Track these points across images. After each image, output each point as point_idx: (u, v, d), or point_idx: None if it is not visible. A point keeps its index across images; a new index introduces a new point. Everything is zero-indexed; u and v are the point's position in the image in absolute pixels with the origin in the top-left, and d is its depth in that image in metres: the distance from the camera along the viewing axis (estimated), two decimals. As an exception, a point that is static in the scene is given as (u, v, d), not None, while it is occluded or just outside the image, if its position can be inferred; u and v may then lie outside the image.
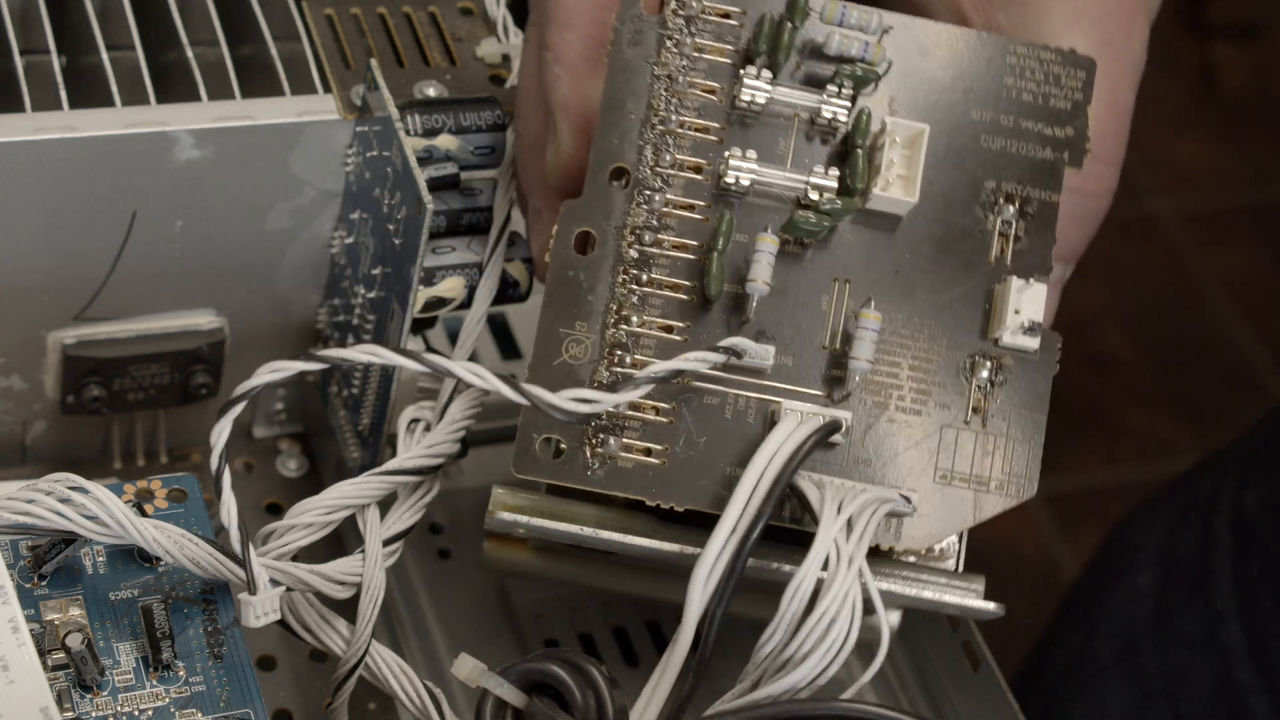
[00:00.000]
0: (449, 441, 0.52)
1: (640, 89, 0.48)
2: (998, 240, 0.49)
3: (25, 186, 0.52)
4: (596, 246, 0.48)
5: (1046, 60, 0.49)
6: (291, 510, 0.50)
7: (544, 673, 0.45)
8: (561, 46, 0.49)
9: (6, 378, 0.56)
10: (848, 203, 0.48)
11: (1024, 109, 0.49)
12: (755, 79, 0.48)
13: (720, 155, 0.48)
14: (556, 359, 0.47)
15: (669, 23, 0.48)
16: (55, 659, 0.46)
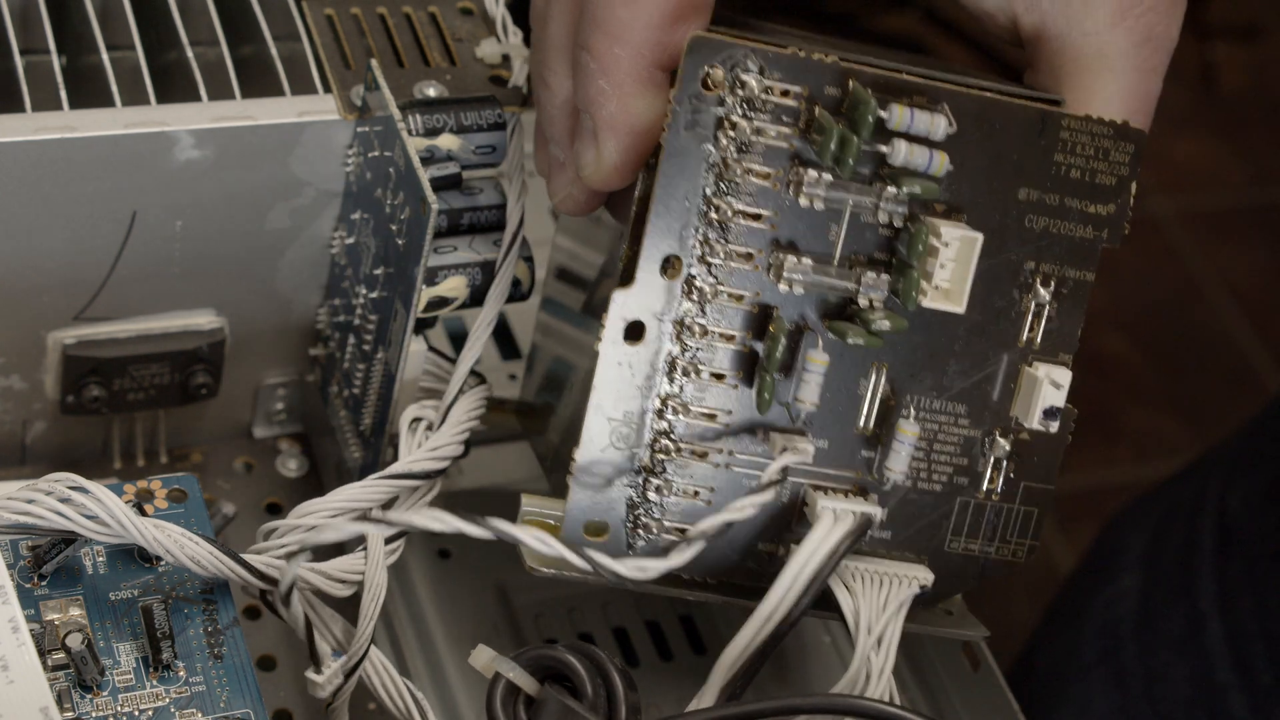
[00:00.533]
0: (454, 444, 0.52)
1: (695, 174, 0.46)
2: (1030, 320, 0.49)
3: (25, 186, 0.52)
4: (645, 336, 0.47)
5: (1099, 134, 0.48)
6: (296, 510, 0.50)
7: (556, 659, 0.45)
8: (609, 60, 0.47)
9: (6, 378, 0.56)
10: (898, 323, 0.47)
11: (1070, 186, 0.48)
12: (816, 184, 0.47)
13: (772, 246, 0.47)
14: (604, 446, 0.48)
15: (728, 105, 0.46)
16: (55, 659, 0.46)
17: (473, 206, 0.53)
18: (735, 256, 0.47)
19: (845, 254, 0.47)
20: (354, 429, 0.57)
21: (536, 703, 0.45)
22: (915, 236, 0.46)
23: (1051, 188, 0.48)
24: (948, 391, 0.49)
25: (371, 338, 0.55)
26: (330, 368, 0.59)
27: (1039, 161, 0.48)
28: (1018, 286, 0.49)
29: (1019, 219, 0.48)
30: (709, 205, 0.46)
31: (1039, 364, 0.49)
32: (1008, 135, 0.47)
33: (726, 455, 0.48)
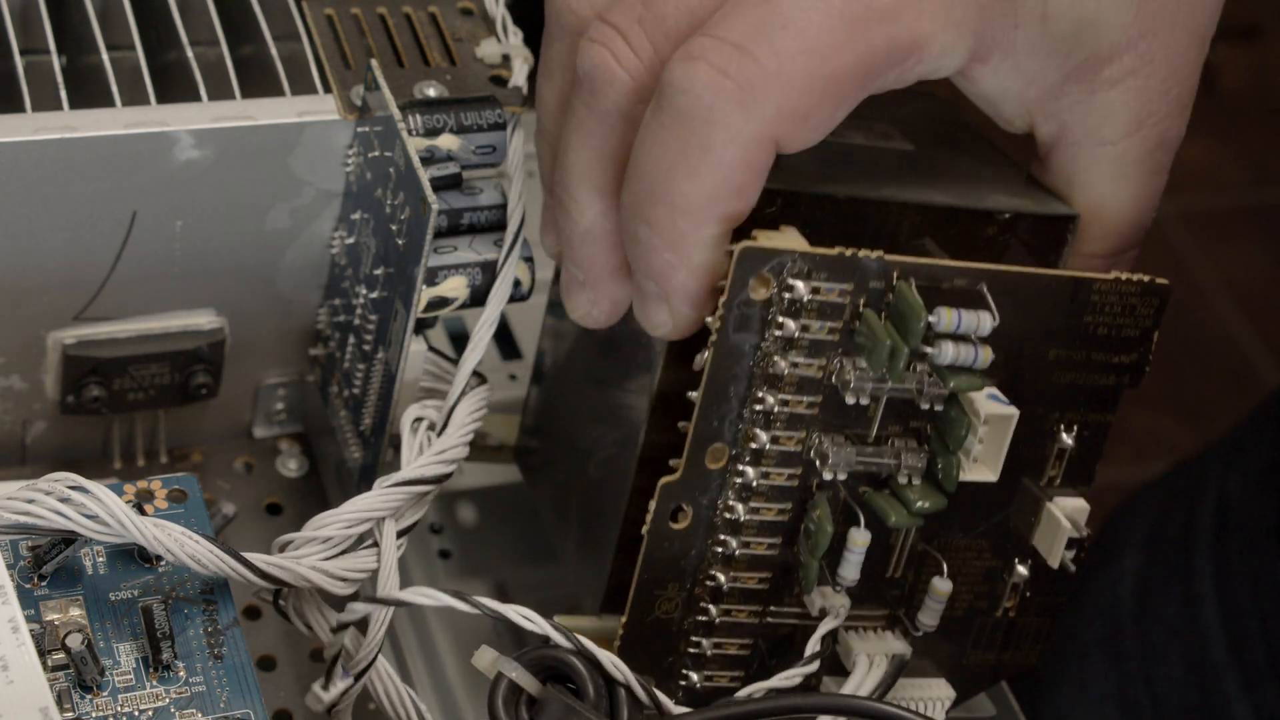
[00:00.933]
0: (460, 445, 0.52)
1: (742, 372, 0.47)
2: (1052, 460, 0.50)
3: (25, 186, 0.52)
4: (690, 518, 0.48)
5: (1126, 293, 0.49)
6: (310, 522, 0.50)
7: (559, 659, 0.46)
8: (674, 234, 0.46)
9: (6, 378, 0.56)
10: (937, 503, 0.48)
11: (1097, 343, 0.49)
12: (864, 380, 0.47)
13: (814, 432, 0.48)
14: (650, 616, 0.49)
15: (775, 308, 0.46)
16: (55, 659, 0.46)
17: (473, 206, 0.53)
18: (779, 442, 0.48)
19: (882, 429, 0.48)
20: (354, 429, 0.57)
21: (539, 703, 0.45)
22: (956, 423, 0.47)
23: (1080, 346, 0.49)
24: (973, 531, 0.50)
25: (371, 338, 0.55)
26: (330, 368, 0.59)
27: (1069, 324, 0.48)
28: (1042, 435, 0.50)
29: (1047, 377, 0.49)
30: (754, 398, 0.47)
31: (1059, 499, 0.50)
32: (1041, 304, 0.48)
33: (764, 612, 0.50)
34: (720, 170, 0.45)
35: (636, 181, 0.46)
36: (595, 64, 0.46)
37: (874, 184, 0.49)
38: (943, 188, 0.50)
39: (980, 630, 0.52)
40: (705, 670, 0.51)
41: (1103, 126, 0.49)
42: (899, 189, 0.49)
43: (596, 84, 0.47)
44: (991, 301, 0.47)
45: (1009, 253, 0.50)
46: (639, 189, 0.46)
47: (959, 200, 0.49)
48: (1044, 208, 0.50)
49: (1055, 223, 0.50)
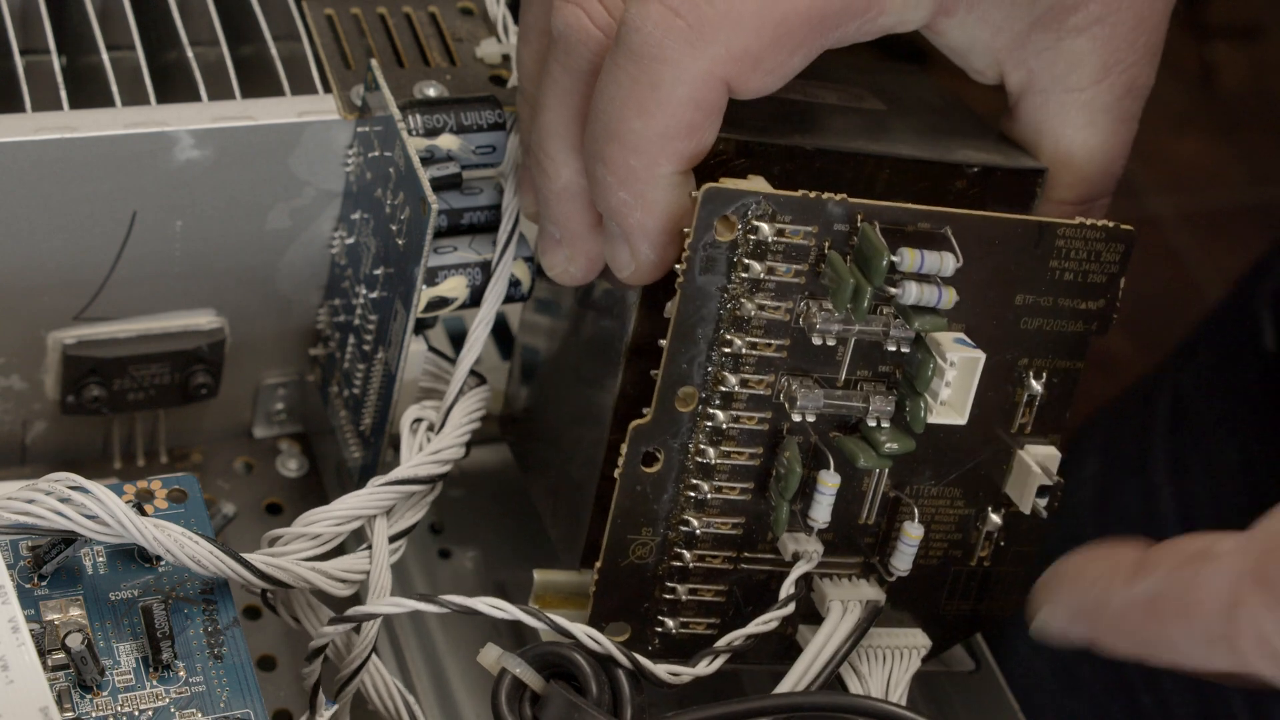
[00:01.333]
0: (456, 446, 0.52)
1: (709, 314, 0.47)
2: (1022, 409, 0.50)
3: (25, 186, 0.52)
4: (662, 462, 0.49)
5: (1091, 238, 0.49)
6: (300, 519, 0.50)
7: (562, 656, 0.46)
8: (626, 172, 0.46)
9: (6, 378, 0.56)
10: (906, 445, 0.48)
11: (1064, 288, 0.49)
12: (829, 322, 0.47)
13: (783, 373, 0.48)
14: (624, 561, 0.50)
15: (741, 250, 0.47)
16: (55, 659, 0.46)
17: (473, 206, 0.53)
18: (748, 385, 0.48)
19: (850, 373, 0.49)
20: (354, 429, 0.57)
21: (542, 699, 0.45)
22: (922, 365, 0.47)
23: (1046, 291, 0.49)
24: (945, 479, 0.51)
25: (371, 338, 0.55)
26: (330, 368, 0.59)
27: (1035, 269, 0.49)
28: (1011, 382, 0.50)
29: (1015, 322, 0.49)
30: (722, 341, 0.47)
31: (1030, 447, 0.50)
32: (1006, 249, 0.48)
33: (738, 558, 0.50)
34: (669, 107, 0.45)
35: (594, 121, 0.47)
36: (569, 24, 0.47)
37: (843, 138, 0.49)
38: (912, 142, 0.50)
39: (955, 580, 0.52)
40: (681, 617, 0.51)
41: (1071, 73, 0.50)
42: (868, 142, 0.49)
43: (571, 43, 0.47)
44: (955, 244, 0.47)
45: (978, 206, 0.50)
46: (595, 128, 0.47)
47: (927, 153, 0.50)
48: (1013, 161, 0.51)
49: (1024, 176, 0.50)
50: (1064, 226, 0.48)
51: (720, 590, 0.51)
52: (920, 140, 0.50)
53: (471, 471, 0.61)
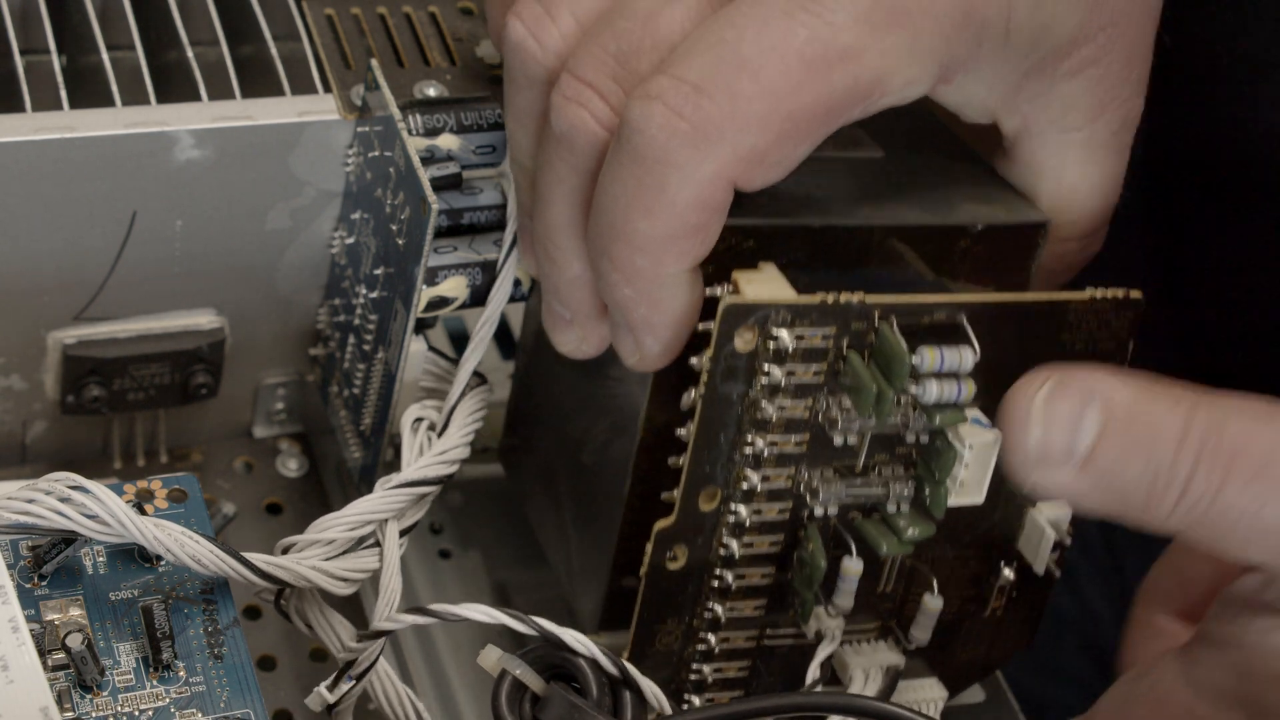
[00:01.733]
0: (461, 445, 0.52)
1: (731, 419, 0.47)
2: None
3: (25, 186, 0.52)
4: (685, 559, 0.49)
5: (1102, 309, 0.49)
6: (314, 525, 0.50)
7: (563, 658, 0.46)
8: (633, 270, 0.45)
9: (6, 378, 0.56)
10: (927, 531, 0.48)
11: (1075, 357, 0.49)
12: (850, 420, 0.47)
13: (803, 467, 0.48)
14: (650, 649, 0.50)
15: (761, 358, 0.46)
16: (55, 659, 0.46)
17: (473, 206, 0.53)
18: (769, 480, 0.48)
19: (869, 458, 0.49)
20: (354, 429, 0.57)
21: (542, 701, 0.45)
22: (943, 456, 0.47)
23: (1054, 351, 0.49)
24: (960, 543, 0.51)
25: (371, 338, 0.55)
26: (330, 368, 0.59)
27: (1047, 342, 0.49)
28: None
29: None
30: (743, 441, 0.47)
31: (1042, 505, 0.50)
32: (1019, 328, 0.48)
33: (761, 635, 0.51)
34: (675, 210, 0.45)
35: (598, 218, 0.46)
36: (574, 125, 0.46)
37: (847, 207, 0.49)
38: (915, 201, 0.50)
39: (969, 630, 0.52)
40: (706, 694, 0.51)
41: (1066, 115, 0.49)
42: (873, 209, 0.49)
43: (576, 144, 0.46)
44: (971, 333, 0.47)
45: (983, 262, 0.50)
46: (600, 226, 0.46)
47: (932, 218, 0.49)
48: (1015, 215, 0.50)
49: (1027, 230, 0.50)
50: (1075, 303, 0.48)
51: (744, 666, 0.51)
52: (923, 198, 0.50)
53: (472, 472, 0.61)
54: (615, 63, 0.46)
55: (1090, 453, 0.42)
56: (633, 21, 0.46)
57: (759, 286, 0.46)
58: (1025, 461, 0.43)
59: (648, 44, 0.45)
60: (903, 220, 0.49)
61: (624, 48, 0.46)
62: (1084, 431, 0.42)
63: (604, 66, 0.46)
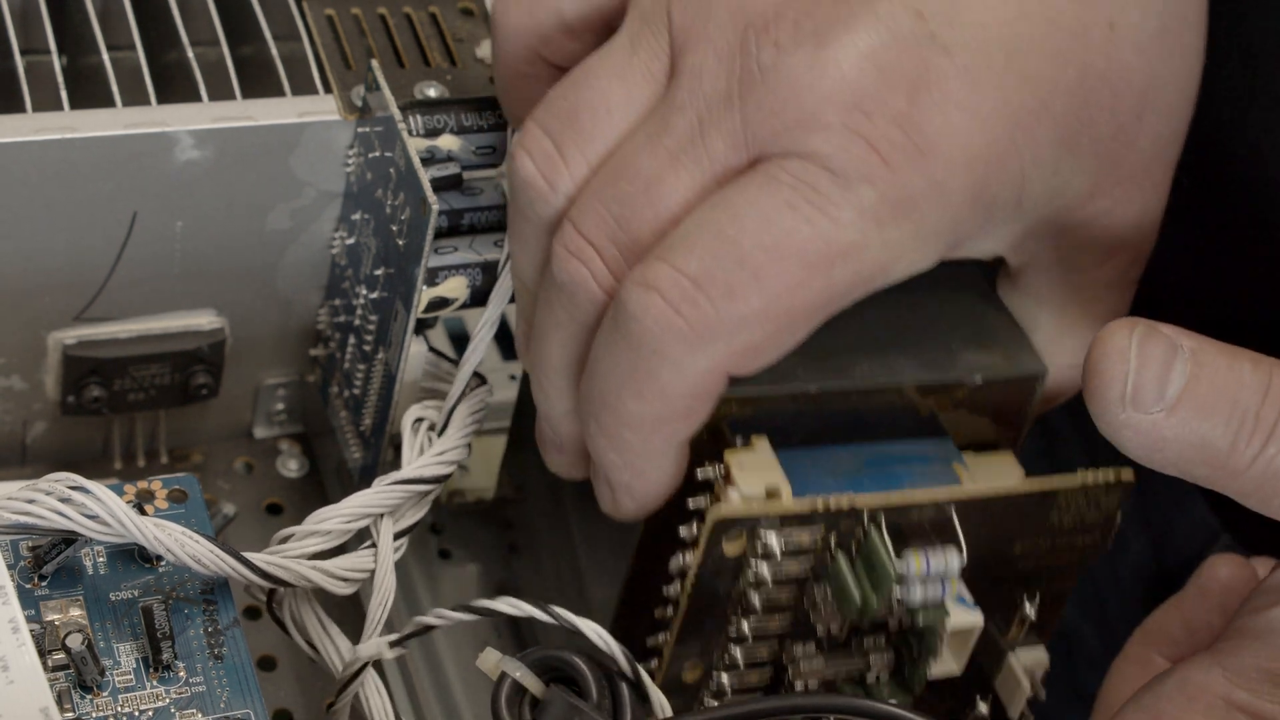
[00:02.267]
0: (460, 446, 0.52)
1: (718, 607, 0.47)
2: (1014, 626, 0.50)
3: (25, 186, 0.52)
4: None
5: (1092, 491, 0.48)
6: (311, 517, 0.50)
7: (562, 660, 0.46)
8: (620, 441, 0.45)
9: (6, 378, 0.56)
10: (904, 699, 0.49)
11: (1063, 532, 0.49)
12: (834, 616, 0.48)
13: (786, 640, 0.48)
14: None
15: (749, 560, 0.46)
16: (55, 659, 0.46)
17: (473, 207, 0.53)
18: (752, 655, 0.48)
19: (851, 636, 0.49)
20: (354, 429, 0.57)
21: (541, 703, 0.45)
22: (925, 642, 0.47)
23: (1044, 536, 0.49)
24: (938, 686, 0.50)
25: (372, 338, 0.55)
26: (330, 368, 0.59)
27: (1035, 523, 0.48)
28: (1007, 606, 0.50)
29: (1011, 564, 0.49)
30: (729, 623, 0.47)
31: (1021, 650, 0.50)
32: (1008, 516, 0.48)
33: None
34: (666, 397, 0.44)
35: (590, 383, 0.46)
36: (574, 279, 0.45)
37: (843, 363, 0.48)
38: (913, 351, 0.49)
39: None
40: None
41: (1075, 256, 0.48)
42: (870, 366, 0.48)
43: (576, 298, 0.46)
44: (960, 530, 0.47)
45: (977, 411, 0.49)
46: (591, 391, 0.46)
47: (930, 374, 0.48)
48: (1014, 368, 0.49)
49: (1025, 380, 0.49)
50: (1066, 491, 0.48)
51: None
52: (921, 344, 0.49)
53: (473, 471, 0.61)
54: (615, 224, 0.45)
55: (1179, 397, 0.42)
56: (635, 185, 0.45)
57: (750, 476, 0.46)
58: (1119, 399, 0.42)
59: (649, 213, 0.45)
60: (900, 380, 0.48)
61: (625, 212, 0.45)
62: (1174, 375, 0.42)
63: (604, 225, 0.45)
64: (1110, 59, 0.45)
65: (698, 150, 0.44)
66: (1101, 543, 0.50)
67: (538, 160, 0.46)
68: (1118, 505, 0.49)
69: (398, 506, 0.51)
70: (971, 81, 0.44)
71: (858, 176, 0.43)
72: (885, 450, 0.49)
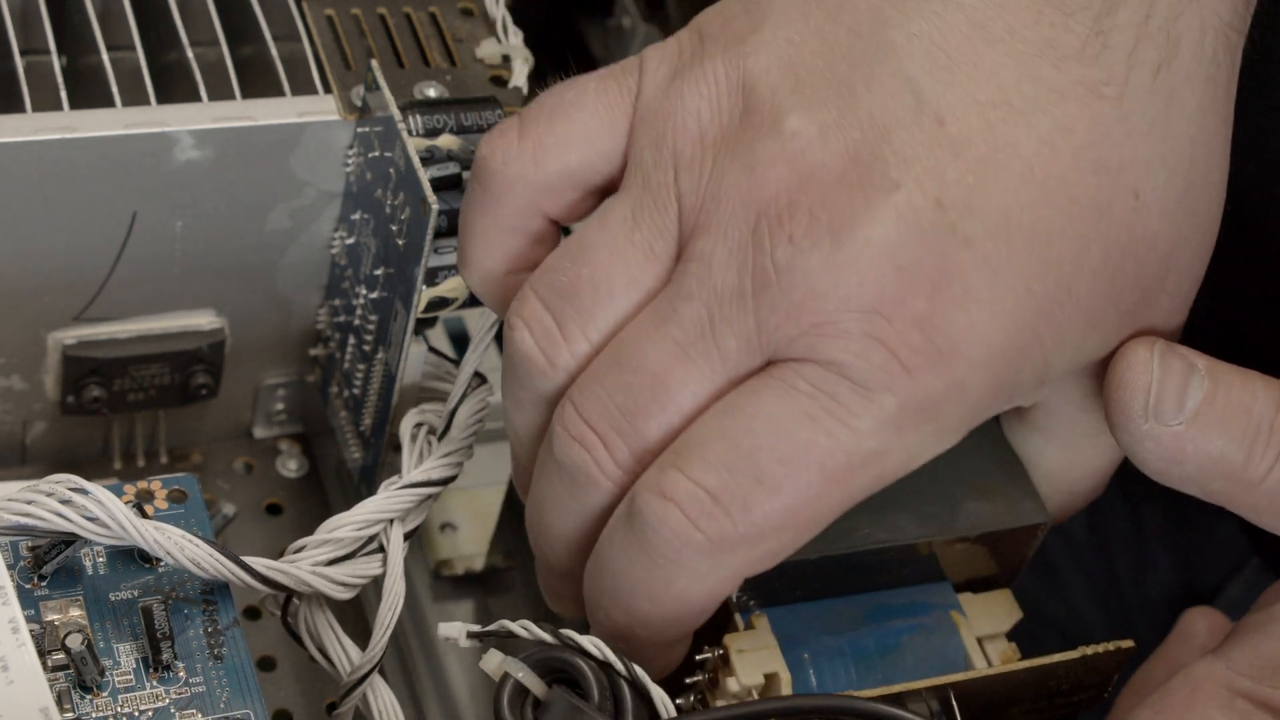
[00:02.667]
0: (464, 447, 0.52)
1: None
2: None
3: (25, 186, 0.52)
4: None
5: (1092, 661, 0.48)
6: (323, 526, 0.50)
7: (564, 661, 0.46)
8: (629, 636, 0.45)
9: (6, 378, 0.56)
10: None
11: (1060, 694, 0.48)
12: None
13: None
14: None
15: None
16: (55, 660, 0.46)
17: (473, 207, 0.53)
18: None
19: None
20: (354, 429, 0.57)
21: (544, 704, 0.45)
22: None
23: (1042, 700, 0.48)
24: None
25: (372, 338, 0.55)
26: (330, 368, 0.59)
27: (1033, 693, 0.48)
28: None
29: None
30: None
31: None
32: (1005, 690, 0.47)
33: None
34: (681, 604, 0.44)
35: (599, 576, 0.45)
36: (577, 464, 0.44)
37: (845, 529, 0.47)
38: (914, 507, 0.48)
39: None
40: None
41: (1087, 399, 0.47)
42: (871, 529, 0.47)
43: (579, 481, 0.45)
44: (958, 712, 0.46)
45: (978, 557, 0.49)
46: (601, 584, 0.45)
47: (930, 532, 0.48)
48: (1015, 518, 0.49)
49: (1027, 530, 0.49)
50: (1065, 664, 0.47)
51: None
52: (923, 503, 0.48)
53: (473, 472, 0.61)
54: (620, 415, 0.44)
55: (1197, 410, 0.43)
56: (641, 378, 0.43)
57: (749, 662, 0.46)
58: (1142, 411, 0.43)
59: (656, 410, 0.43)
60: (900, 539, 0.47)
61: (631, 405, 0.43)
62: (1192, 389, 0.43)
63: (608, 414, 0.44)
64: (1134, 231, 0.43)
65: (708, 346, 0.43)
66: (1096, 697, 0.49)
67: (537, 335, 0.45)
68: (1117, 669, 0.48)
69: (407, 512, 0.51)
70: (992, 272, 0.42)
71: (878, 385, 0.42)
72: (884, 601, 0.48)
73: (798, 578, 0.47)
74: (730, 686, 0.46)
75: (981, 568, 0.49)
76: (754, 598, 0.47)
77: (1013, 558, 0.49)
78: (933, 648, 0.48)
